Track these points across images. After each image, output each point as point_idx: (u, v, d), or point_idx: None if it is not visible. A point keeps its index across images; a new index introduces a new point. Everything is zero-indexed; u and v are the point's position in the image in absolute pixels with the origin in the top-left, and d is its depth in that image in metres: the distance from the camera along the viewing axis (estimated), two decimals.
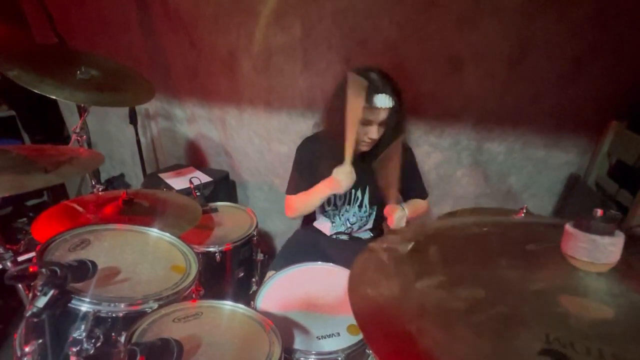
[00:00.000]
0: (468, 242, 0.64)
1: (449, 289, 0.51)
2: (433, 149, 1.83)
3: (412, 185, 1.51)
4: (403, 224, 1.34)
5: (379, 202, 1.50)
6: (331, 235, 1.57)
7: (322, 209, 1.54)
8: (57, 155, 1.24)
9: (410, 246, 0.64)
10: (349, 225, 1.54)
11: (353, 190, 1.48)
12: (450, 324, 0.45)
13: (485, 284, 0.51)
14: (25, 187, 1.03)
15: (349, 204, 1.51)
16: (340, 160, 1.32)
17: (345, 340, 1.02)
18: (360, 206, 1.50)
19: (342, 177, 1.26)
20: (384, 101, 1.22)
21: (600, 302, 0.46)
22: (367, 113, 1.23)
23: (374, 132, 1.27)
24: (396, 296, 0.52)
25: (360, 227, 1.55)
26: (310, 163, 1.44)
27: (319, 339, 1.03)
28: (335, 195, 1.49)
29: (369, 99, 1.21)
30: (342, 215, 1.53)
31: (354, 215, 1.52)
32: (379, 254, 0.64)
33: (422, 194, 1.55)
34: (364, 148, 1.35)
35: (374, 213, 1.53)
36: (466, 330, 0.44)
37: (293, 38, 1.81)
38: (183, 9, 1.99)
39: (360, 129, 1.27)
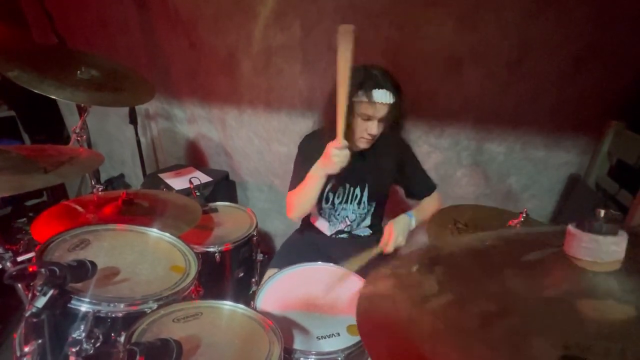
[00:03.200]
0: (472, 258, 0.63)
1: (459, 307, 0.50)
2: (433, 149, 1.83)
3: (417, 181, 1.49)
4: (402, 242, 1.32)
5: (377, 198, 1.50)
6: (331, 235, 1.57)
7: (319, 208, 1.53)
8: (57, 155, 1.24)
9: (415, 268, 0.63)
10: (348, 222, 1.53)
11: (352, 188, 1.47)
12: (464, 343, 0.45)
13: (494, 297, 0.50)
14: (25, 187, 1.02)
15: (346, 202, 1.50)
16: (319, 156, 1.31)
17: (345, 340, 1.02)
18: (359, 203, 1.50)
19: (336, 154, 1.19)
20: (384, 96, 1.21)
21: (610, 301, 0.46)
22: (366, 108, 1.23)
23: (373, 128, 1.26)
24: (406, 318, 0.51)
25: (359, 225, 1.55)
26: (312, 158, 1.43)
27: (319, 339, 1.03)
28: (332, 194, 1.48)
29: (368, 94, 1.20)
30: (339, 213, 1.53)
31: (352, 212, 1.52)
32: (384, 281, 0.63)
33: (430, 189, 1.50)
34: (363, 145, 1.33)
35: (373, 209, 1.53)
36: (482, 348, 0.43)
37: (293, 38, 1.81)
38: (183, 10, 2.00)
39: (360, 125, 1.27)
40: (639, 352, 0.38)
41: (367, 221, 1.55)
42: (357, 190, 1.48)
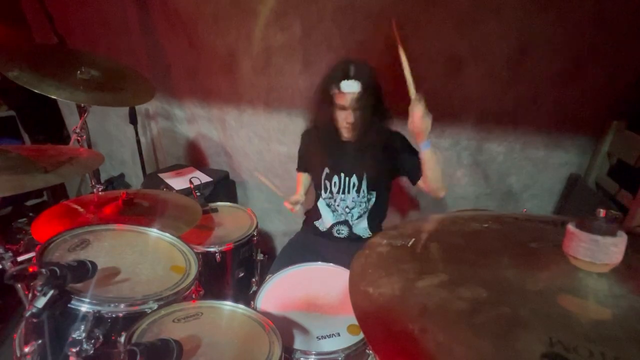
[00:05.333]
0: (469, 239, 0.64)
1: (450, 289, 0.51)
2: (433, 148, 1.82)
3: (418, 165, 1.45)
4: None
5: (377, 187, 1.51)
6: (331, 228, 1.57)
7: (319, 197, 1.58)
8: (57, 155, 1.24)
9: (410, 242, 0.63)
10: (348, 211, 1.54)
11: (347, 178, 1.50)
12: (452, 325, 0.45)
13: (487, 283, 0.50)
14: (25, 187, 1.02)
15: (344, 192, 1.52)
16: (317, 144, 1.45)
17: (346, 340, 1.02)
18: (358, 191, 1.51)
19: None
20: (351, 86, 1.28)
21: (602, 303, 0.46)
22: (339, 98, 1.32)
23: (349, 117, 1.35)
24: (397, 295, 0.52)
25: (360, 215, 1.54)
26: (308, 151, 1.53)
27: (319, 339, 1.03)
28: (329, 182, 1.51)
29: (338, 85, 1.29)
30: (339, 204, 1.54)
31: (352, 201, 1.52)
32: (379, 250, 0.63)
33: None
34: (346, 133, 1.41)
35: (373, 199, 1.53)
36: (468, 332, 0.43)
37: (293, 38, 1.81)
38: (183, 9, 1.99)
39: (339, 115, 1.36)
40: (620, 358, 0.38)
41: (367, 212, 1.55)
42: (354, 179, 1.49)
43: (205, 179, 2.14)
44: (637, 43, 1.38)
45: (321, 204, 1.60)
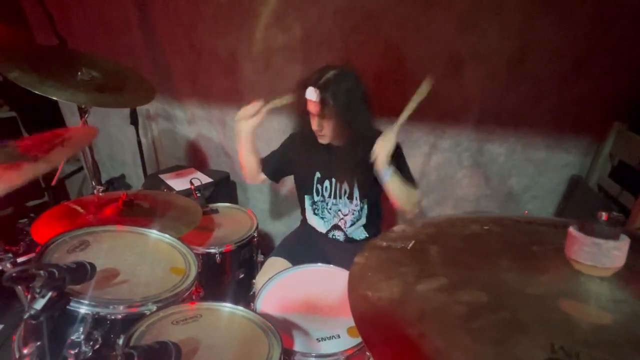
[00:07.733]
0: (469, 241, 0.63)
1: (450, 293, 0.50)
2: (433, 150, 1.82)
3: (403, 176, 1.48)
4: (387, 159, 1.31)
5: (369, 196, 1.49)
6: (327, 233, 1.56)
7: (312, 202, 1.55)
8: (50, 139, 1.19)
9: (410, 245, 0.63)
10: (341, 216, 1.53)
11: (338, 184, 1.48)
12: (451, 330, 0.44)
13: (487, 287, 0.50)
14: (15, 181, 0.98)
15: (335, 197, 1.50)
16: (307, 147, 1.45)
17: (346, 342, 1.01)
18: (350, 198, 1.49)
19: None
20: (311, 94, 1.28)
21: (603, 308, 0.45)
22: (307, 104, 1.32)
23: (314, 124, 1.35)
24: (397, 299, 0.51)
25: (353, 223, 1.53)
26: (287, 148, 1.55)
27: (319, 341, 1.02)
28: (321, 187, 1.50)
29: (304, 92, 1.29)
30: (331, 208, 1.52)
31: (345, 206, 1.51)
32: (379, 253, 0.63)
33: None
34: (322, 140, 1.40)
35: (366, 207, 1.51)
36: (467, 337, 0.43)
37: (293, 39, 1.81)
38: (183, 10, 1.99)
39: (311, 120, 1.36)
40: None
41: (362, 219, 1.53)
42: (345, 186, 1.48)
43: (206, 179, 2.13)
44: (638, 43, 1.38)
45: (309, 213, 1.58)
